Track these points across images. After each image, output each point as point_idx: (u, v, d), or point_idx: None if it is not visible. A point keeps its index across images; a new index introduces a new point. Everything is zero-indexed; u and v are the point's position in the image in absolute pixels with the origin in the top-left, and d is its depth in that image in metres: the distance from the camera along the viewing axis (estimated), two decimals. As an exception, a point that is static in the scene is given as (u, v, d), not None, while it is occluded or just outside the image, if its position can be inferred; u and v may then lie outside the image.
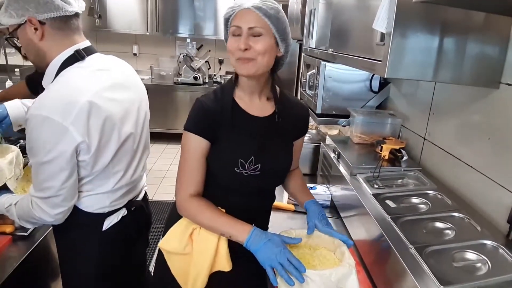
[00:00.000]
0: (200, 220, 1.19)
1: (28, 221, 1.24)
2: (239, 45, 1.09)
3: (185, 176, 1.21)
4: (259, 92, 1.23)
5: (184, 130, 1.20)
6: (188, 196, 1.20)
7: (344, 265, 1.12)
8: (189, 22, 5.48)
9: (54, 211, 1.18)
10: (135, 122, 1.35)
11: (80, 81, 1.19)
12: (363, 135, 1.91)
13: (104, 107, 1.19)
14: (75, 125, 1.11)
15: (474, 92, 1.36)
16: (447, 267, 1.00)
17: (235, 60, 1.13)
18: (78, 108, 1.12)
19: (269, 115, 1.24)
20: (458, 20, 1.15)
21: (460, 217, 1.23)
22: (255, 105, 1.23)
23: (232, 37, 1.13)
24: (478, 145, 1.34)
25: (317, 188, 1.81)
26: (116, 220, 1.35)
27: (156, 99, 5.18)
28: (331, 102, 2.15)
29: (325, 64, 2.08)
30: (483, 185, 1.30)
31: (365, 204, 1.34)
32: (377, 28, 1.19)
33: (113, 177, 1.29)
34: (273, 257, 1.06)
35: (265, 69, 1.15)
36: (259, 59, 1.11)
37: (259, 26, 1.09)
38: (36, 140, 1.11)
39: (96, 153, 1.19)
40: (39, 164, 1.14)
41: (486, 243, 1.09)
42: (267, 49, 1.11)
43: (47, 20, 1.17)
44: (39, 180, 1.16)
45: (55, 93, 1.14)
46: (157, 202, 3.63)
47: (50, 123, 1.09)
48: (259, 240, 1.10)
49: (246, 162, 1.17)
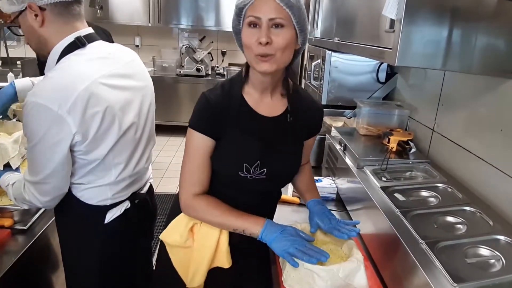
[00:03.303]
0: (210, 219, 1.14)
1: (23, 202, 1.25)
2: (259, 38, 0.98)
3: (189, 175, 1.15)
4: (271, 89, 1.14)
5: (188, 127, 1.13)
6: (193, 196, 1.14)
7: (352, 260, 1.09)
8: (192, 13, 5.41)
9: (43, 198, 1.19)
10: (138, 112, 1.32)
11: (79, 68, 1.16)
12: (370, 127, 1.86)
13: (104, 95, 1.16)
14: (71, 114, 1.09)
15: (484, 82, 1.32)
16: (459, 263, 0.96)
17: (253, 55, 1.02)
18: (76, 96, 1.09)
19: (280, 114, 1.16)
20: (469, 7, 1.10)
21: (472, 211, 1.19)
22: (266, 103, 1.15)
23: (248, 28, 1.01)
24: (489, 137, 1.30)
25: (323, 181, 1.78)
26: (119, 213, 1.32)
27: (159, 91, 5.07)
28: (336, 93, 2.11)
29: (331, 54, 2.03)
30: (494, 178, 1.26)
31: (373, 197, 1.30)
32: (386, 14, 1.14)
33: (114, 169, 1.26)
34: (289, 244, 1.03)
35: (284, 65, 1.07)
36: (278, 54, 1.00)
37: (281, 16, 0.98)
38: (31, 126, 1.10)
39: (92, 143, 1.16)
40: (32, 149, 1.13)
41: (499, 239, 1.06)
42: (288, 43, 1.01)
43: (47, 5, 1.14)
44: (31, 165, 1.17)
45: (53, 80, 1.12)
46: (160, 195, 3.62)
47: (45, 111, 1.07)
48: (275, 230, 1.07)
49: (251, 166, 1.11)
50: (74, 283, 1.39)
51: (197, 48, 5.50)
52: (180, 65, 5.51)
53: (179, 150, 5.07)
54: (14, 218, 1.38)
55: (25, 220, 1.40)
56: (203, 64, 5.42)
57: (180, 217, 1.21)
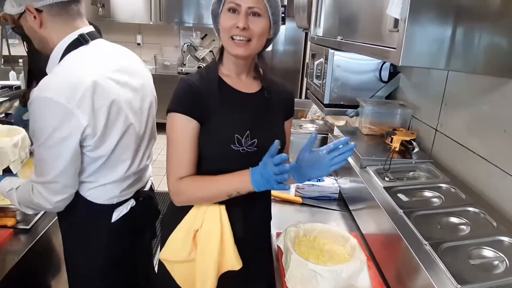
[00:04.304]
0: (201, 195, 1.12)
1: (28, 207, 1.23)
2: (236, 23, 1.05)
3: (175, 160, 1.12)
4: (246, 72, 1.20)
5: (169, 112, 1.11)
6: (179, 179, 1.11)
7: (355, 260, 1.09)
8: (193, 11, 5.40)
9: (54, 198, 1.17)
10: (140, 107, 1.33)
11: (85, 63, 1.18)
12: (373, 126, 1.86)
13: (110, 89, 1.18)
14: (81, 108, 1.10)
15: (488, 82, 1.31)
16: (463, 265, 0.96)
17: (228, 37, 1.08)
18: (84, 89, 1.10)
19: (257, 91, 1.21)
20: (474, 6, 1.09)
21: (475, 212, 1.19)
22: (243, 82, 1.20)
23: (227, 13, 1.08)
24: (493, 137, 1.29)
25: (325, 181, 1.77)
26: (126, 211, 1.33)
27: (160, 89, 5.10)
28: (339, 92, 2.10)
29: (334, 52, 2.02)
30: (498, 179, 1.25)
31: (376, 197, 1.30)
32: (391, 13, 1.13)
33: (121, 165, 1.27)
34: (271, 182, 1.01)
35: (257, 51, 1.14)
36: (254, 41, 1.08)
37: (259, 6, 1.07)
38: (39, 123, 1.10)
39: (101, 137, 1.17)
40: (41, 147, 1.12)
41: (503, 240, 1.05)
42: (264, 31, 1.09)
43: (43, 7, 1.16)
44: (40, 165, 1.15)
45: (60, 75, 1.13)
46: (161, 193, 3.62)
47: (54, 106, 1.07)
48: (259, 177, 1.03)
49: (242, 137, 1.12)
50: (77, 283, 1.39)
51: (199, 46, 5.50)
52: (181, 64, 5.51)
53: (181, 148, 5.05)
54: (17, 217, 1.38)
55: (28, 220, 1.41)
56: (205, 62, 5.42)
57: (178, 230, 1.17)
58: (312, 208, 1.68)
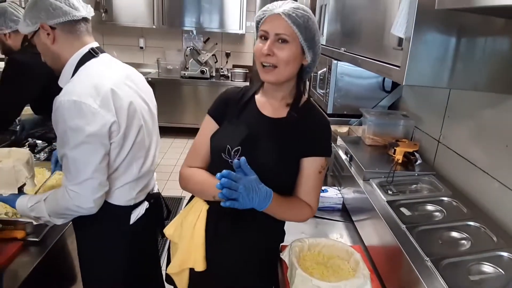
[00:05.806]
0: (192, 187, 1.24)
1: (61, 216, 1.26)
2: (262, 49, 1.10)
3: (192, 150, 1.28)
4: (280, 97, 1.21)
5: None
6: (188, 167, 1.26)
7: (359, 276, 1.11)
8: (196, 15, 5.42)
9: (94, 195, 1.21)
10: (149, 110, 1.44)
11: (101, 70, 1.29)
12: (375, 137, 1.88)
13: (126, 92, 1.29)
14: (105, 107, 1.19)
15: (492, 96, 1.33)
16: (463, 281, 0.99)
17: (259, 64, 1.14)
18: (104, 91, 1.20)
19: (281, 117, 1.20)
20: (477, 26, 1.11)
21: (476, 227, 1.21)
22: (271, 106, 1.22)
23: (259, 40, 1.14)
24: (495, 151, 1.32)
25: (328, 191, 1.80)
26: (142, 213, 1.42)
27: (163, 93, 5.16)
28: (342, 101, 2.13)
29: (337, 63, 2.05)
30: (499, 193, 1.27)
31: (379, 211, 1.32)
32: (395, 33, 1.16)
33: (135, 163, 1.35)
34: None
35: (287, 78, 1.15)
36: (281, 67, 1.11)
37: (286, 33, 1.09)
38: (68, 124, 1.16)
39: (123, 135, 1.26)
40: (73, 149, 1.17)
41: (502, 255, 1.08)
42: (290, 58, 1.10)
43: (57, 25, 1.27)
44: (75, 166, 1.19)
45: (82, 80, 1.22)
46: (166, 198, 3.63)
47: (80, 106, 1.15)
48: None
49: (232, 149, 1.16)
50: None
51: (201, 50, 5.51)
52: (184, 67, 5.53)
53: (183, 152, 5.07)
54: (27, 230, 1.40)
55: (38, 232, 1.42)
56: (207, 66, 5.43)
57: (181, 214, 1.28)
58: (315, 219, 1.70)
